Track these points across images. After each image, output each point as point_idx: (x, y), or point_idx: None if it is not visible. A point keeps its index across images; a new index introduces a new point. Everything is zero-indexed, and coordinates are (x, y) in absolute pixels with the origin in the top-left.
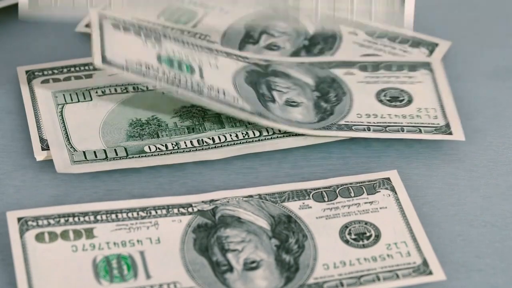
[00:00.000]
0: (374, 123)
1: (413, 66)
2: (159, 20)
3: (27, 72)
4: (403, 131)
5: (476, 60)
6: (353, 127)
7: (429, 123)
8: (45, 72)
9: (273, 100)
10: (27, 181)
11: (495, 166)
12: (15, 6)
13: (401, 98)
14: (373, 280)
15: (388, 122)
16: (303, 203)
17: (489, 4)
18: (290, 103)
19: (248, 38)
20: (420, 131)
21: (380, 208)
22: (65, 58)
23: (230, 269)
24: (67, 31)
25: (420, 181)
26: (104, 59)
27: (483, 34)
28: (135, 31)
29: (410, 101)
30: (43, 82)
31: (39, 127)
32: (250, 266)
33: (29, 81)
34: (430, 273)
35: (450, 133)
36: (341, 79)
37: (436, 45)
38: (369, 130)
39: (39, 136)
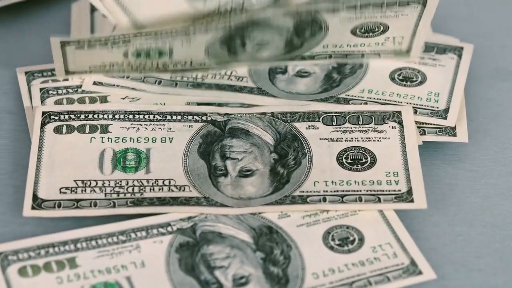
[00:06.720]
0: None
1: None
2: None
3: (26, 73)
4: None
5: (476, 60)
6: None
7: (434, 124)
8: (45, 74)
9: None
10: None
11: (495, 166)
12: (15, 6)
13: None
14: (364, 285)
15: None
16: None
17: (489, 4)
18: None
19: (276, 68)
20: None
21: (359, 210)
22: None
23: (220, 287)
24: (67, 32)
25: None
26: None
27: (483, 34)
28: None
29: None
30: (42, 83)
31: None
32: (240, 282)
33: (29, 82)
34: (420, 272)
35: (454, 135)
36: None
37: (462, 49)
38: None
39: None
